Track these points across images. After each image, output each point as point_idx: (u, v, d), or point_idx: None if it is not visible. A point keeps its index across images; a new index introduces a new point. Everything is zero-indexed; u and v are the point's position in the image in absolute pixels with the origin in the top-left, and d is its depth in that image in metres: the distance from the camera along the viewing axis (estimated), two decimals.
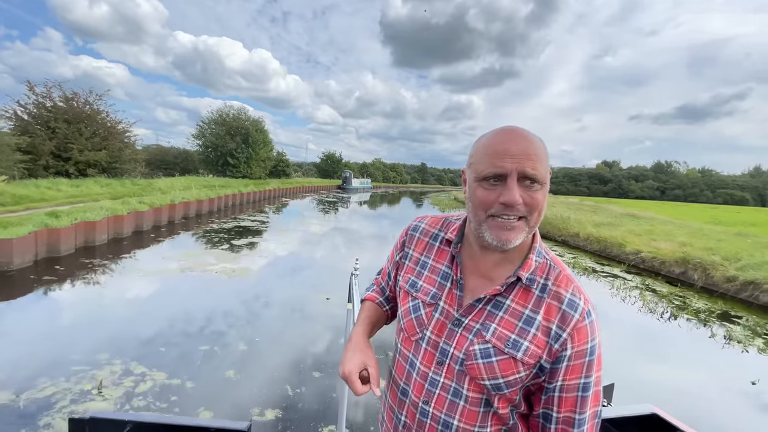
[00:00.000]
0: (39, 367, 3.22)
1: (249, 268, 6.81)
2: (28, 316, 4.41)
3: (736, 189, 79.95)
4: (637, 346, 5.13)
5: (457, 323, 0.74)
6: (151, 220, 9.88)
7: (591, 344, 0.68)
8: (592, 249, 12.37)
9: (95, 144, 16.09)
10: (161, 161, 30.51)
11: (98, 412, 0.87)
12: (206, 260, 7.09)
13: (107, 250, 7.37)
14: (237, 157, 27.94)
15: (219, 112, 29.42)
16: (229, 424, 0.88)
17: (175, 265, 6.55)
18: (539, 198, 0.68)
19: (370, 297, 1.00)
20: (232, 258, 7.43)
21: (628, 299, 7.22)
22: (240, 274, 6.39)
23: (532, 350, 0.68)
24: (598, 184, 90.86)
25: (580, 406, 0.68)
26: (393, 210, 25.26)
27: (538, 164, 0.67)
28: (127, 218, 8.65)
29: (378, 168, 76.04)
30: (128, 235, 8.67)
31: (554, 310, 0.69)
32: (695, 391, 4.01)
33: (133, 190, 14.91)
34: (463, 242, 0.81)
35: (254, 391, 3.16)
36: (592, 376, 0.68)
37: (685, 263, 9.24)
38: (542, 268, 0.74)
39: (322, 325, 4.68)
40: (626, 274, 9.49)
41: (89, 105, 16.85)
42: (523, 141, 0.68)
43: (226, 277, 6.16)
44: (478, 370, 0.70)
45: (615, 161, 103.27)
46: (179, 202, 11.51)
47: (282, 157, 37.79)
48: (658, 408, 1.14)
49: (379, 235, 12.91)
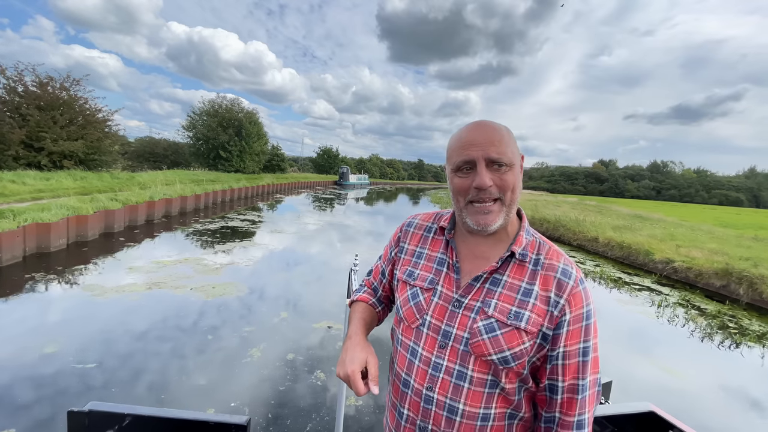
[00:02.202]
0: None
1: (233, 283, 5.66)
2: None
3: (731, 190, 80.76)
4: (707, 386, 4.09)
5: (458, 304, 0.77)
6: (124, 219, 8.66)
7: (587, 309, 0.73)
8: (613, 255, 11.37)
9: (71, 133, 14.72)
10: (150, 153, 29.12)
11: (97, 404, 0.84)
12: (182, 272, 5.92)
13: (62, 259, 6.15)
14: (229, 150, 26.68)
15: (211, 102, 28.08)
16: (228, 418, 0.86)
17: (142, 280, 5.38)
18: (509, 179, 0.74)
19: (362, 298, 0.99)
20: (214, 269, 6.27)
21: (675, 320, 6.21)
22: (221, 291, 5.24)
23: (534, 318, 0.71)
24: (595, 183, 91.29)
25: (582, 371, 0.72)
26: (397, 210, 24.13)
27: (503, 148, 0.73)
28: (94, 218, 7.43)
29: (375, 164, 74.88)
30: (94, 238, 7.44)
31: (550, 280, 0.74)
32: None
33: (111, 184, 13.63)
34: (455, 229, 0.86)
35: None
36: (590, 341, 0.72)
37: (727, 275, 8.27)
38: (532, 244, 0.78)
39: (330, 374, 3.56)
40: (659, 286, 8.51)
41: (66, 90, 15.45)
42: (487, 130, 0.75)
43: (204, 296, 5.00)
44: (484, 345, 0.72)
45: (611, 160, 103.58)
46: (159, 199, 10.27)
47: (277, 151, 36.54)
48: (655, 406, 1.14)
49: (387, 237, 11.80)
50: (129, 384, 3.00)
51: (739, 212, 44.04)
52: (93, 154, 15.48)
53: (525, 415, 0.76)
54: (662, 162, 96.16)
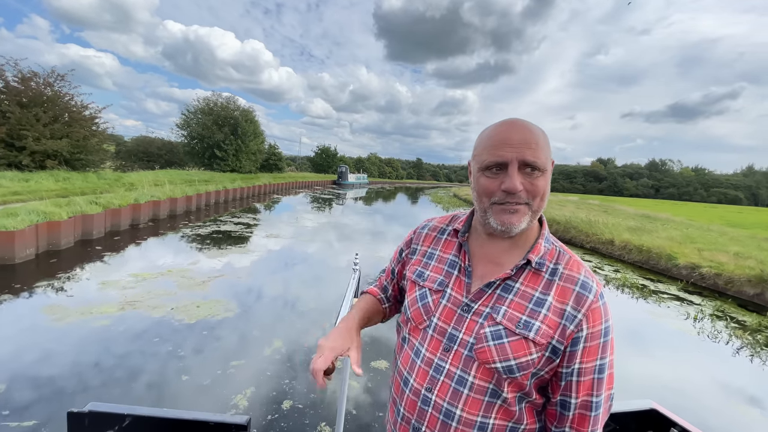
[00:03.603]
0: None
1: (221, 300, 4.94)
2: None
3: (729, 188, 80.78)
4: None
5: (467, 308, 0.74)
6: (105, 225, 7.90)
7: (605, 325, 0.68)
8: (630, 259, 10.70)
9: (55, 131, 13.92)
10: (144, 153, 28.25)
11: (97, 405, 0.83)
12: (163, 287, 5.20)
13: (25, 273, 5.39)
14: (225, 150, 25.89)
15: (206, 100, 27.25)
16: (228, 418, 0.85)
17: (116, 298, 4.65)
18: (540, 184, 0.70)
19: (372, 291, 1.00)
20: (201, 282, 5.54)
21: (717, 336, 5.55)
22: (207, 311, 4.52)
23: (544, 330, 0.67)
24: (594, 181, 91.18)
25: (597, 388, 0.68)
26: (395, 209, 23.43)
27: (539, 152, 0.68)
28: (68, 224, 6.67)
29: (374, 163, 74.15)
30: (68, 246, 6.69)
31: (568, 292, 0.69)
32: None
33: (97, 185, 12.86)
34: (470, 231, 0.83)
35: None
36: (607, 358, 0.68)
37: (762, 283, 7.63)
38: (551, 253, 0.74)
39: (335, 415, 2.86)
40: (687, 294, 7.86)
41: (50, 86, 14.64)
42: (523, 130, 0.70)
43: (186, 318, 4.28)
44: (489, 352, 0.69)
45: (609, 159, 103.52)
46: (146, 201, 9.51)
47: (274, 150, 35.77)
48: (657, 403, 1.12)
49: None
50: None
51: (741, 210, 43.74)
52: (79, 153, 14.67)
53: (527, 429, 0.72)
54: (660, 160, 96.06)
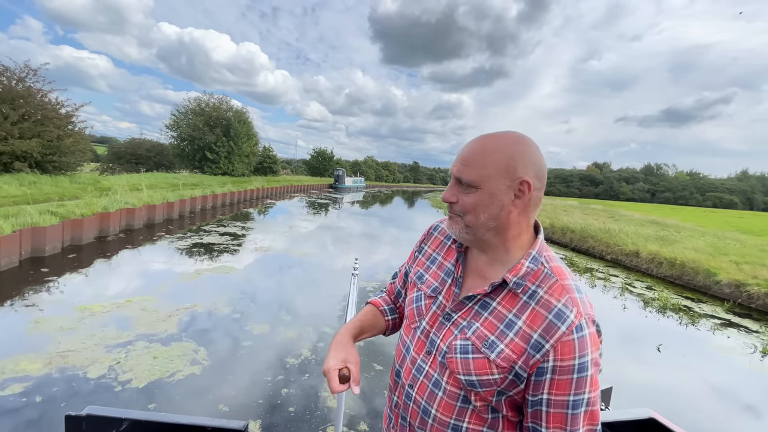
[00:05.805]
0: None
1: (188, 344, 3.78)
2: None
3: (725, 192, 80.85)
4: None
5: (447, 318, 0.77)
6: (62, 239, 6.70)
7: (579, 361, 0.63)
8: (660, 274, 9.70)
9: (25, 130, 12.66)
10: (132, 155, 26.88)
11: (95, 408, 0.82)
12: (115, 326, 4.03)
13: None
14: (216, 152, 24.66)
15: (197, 100, 26.02)
16: (226, 423, 0.85)
17: (46, 346, 3.48)
18: (467, 200, 0.72)
19: (375, 302, 1.01)
20: (166, 317, 4.36)
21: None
22: (166, 365, 3.37)
23: (506, 354, 0.67)
24: (590, 185, 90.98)
25: (571, 423, 0.65)
26: (393, 212, 22.32)
27: (473, 169, 0.70)
28: (10, 240, 5.48)
29: (370, 166, 73.17)
30: (9, 267, 5.49)
31: (539, 319, 0.66)
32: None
33: (68, 190, 11.62)
34: None
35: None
36: (583, 395, 0.64)
37: None
38: (536, 274, 0.71)
39: None
40: (735, 316, 6.86)
41: (22, 82, 13.40)
42: (474, 147, 0.72)
43: (134, 378, 3.13)
44: (455, 364, 0.71)
45: (605, 163, 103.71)
46: (117, 210, 8.32)
47: (269, 152, 34.54)
48: (656, 412, 1.11)
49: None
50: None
51: (742, 215, 43.28)
52: (51, 154, 13.39)
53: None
54: (656, 165, 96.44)
